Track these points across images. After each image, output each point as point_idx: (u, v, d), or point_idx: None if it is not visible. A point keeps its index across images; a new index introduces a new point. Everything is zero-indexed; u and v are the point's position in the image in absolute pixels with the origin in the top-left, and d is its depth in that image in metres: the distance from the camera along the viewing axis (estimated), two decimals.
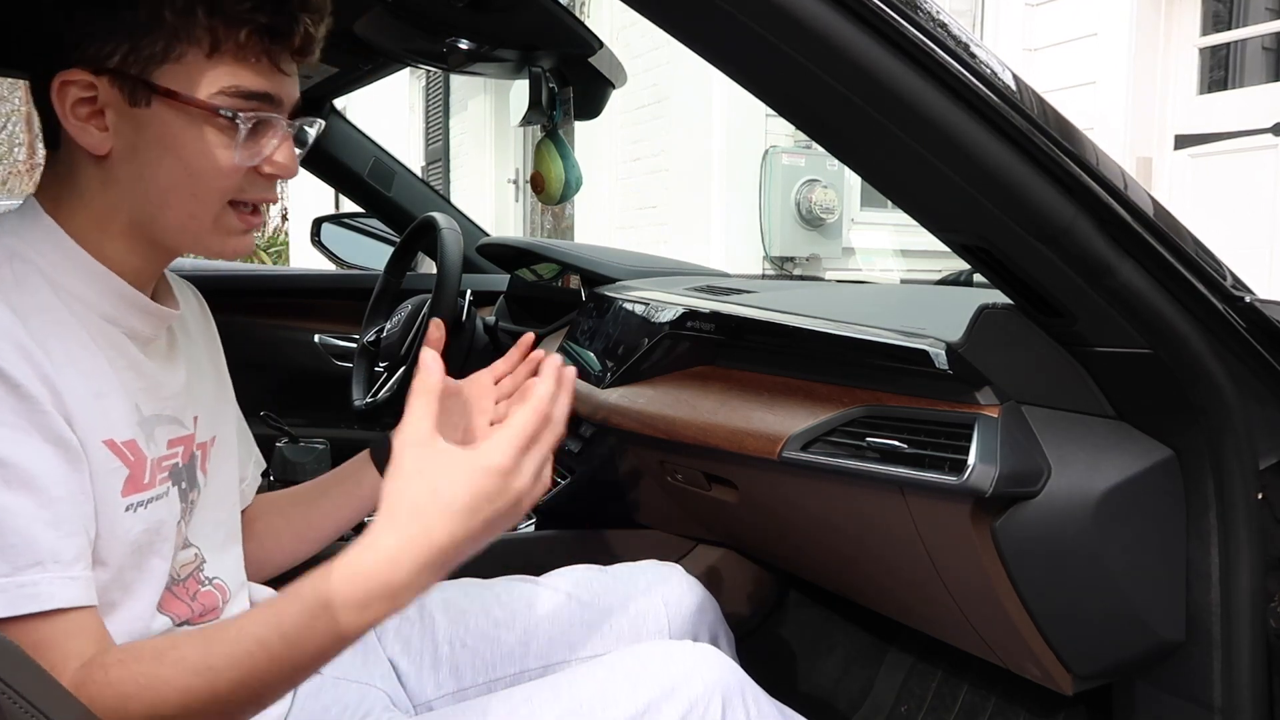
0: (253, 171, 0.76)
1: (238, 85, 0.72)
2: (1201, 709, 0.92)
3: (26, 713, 0.53)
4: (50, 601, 0.65)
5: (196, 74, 0.71)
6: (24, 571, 0.64)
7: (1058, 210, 0.77)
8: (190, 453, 0.84)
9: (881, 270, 4.94)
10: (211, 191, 0.75)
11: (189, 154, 0.73)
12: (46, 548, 0.65)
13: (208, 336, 0.95)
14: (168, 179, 0.74)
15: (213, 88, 0.72)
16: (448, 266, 1.63)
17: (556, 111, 1.69)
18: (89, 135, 0.73)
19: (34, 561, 0.64)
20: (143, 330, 0.79)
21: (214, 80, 0.72)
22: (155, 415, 0.79)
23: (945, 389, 0.95)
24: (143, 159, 0.73)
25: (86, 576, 0.68)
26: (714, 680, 0.87)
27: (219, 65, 0.72)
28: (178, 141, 0.73)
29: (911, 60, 0.70)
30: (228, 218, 0.77)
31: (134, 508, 0.74)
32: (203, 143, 0.73)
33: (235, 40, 0.71)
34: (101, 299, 0.76)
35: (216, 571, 0.87)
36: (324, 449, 1.43)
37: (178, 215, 0.76)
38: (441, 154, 8.11)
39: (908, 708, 1.47)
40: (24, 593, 0.64)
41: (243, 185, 0.76)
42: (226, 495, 0.92)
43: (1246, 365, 0.87)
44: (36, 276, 0.72)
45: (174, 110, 0.72)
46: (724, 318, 1.27)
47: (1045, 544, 0.90)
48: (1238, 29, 3.82)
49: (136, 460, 0.74)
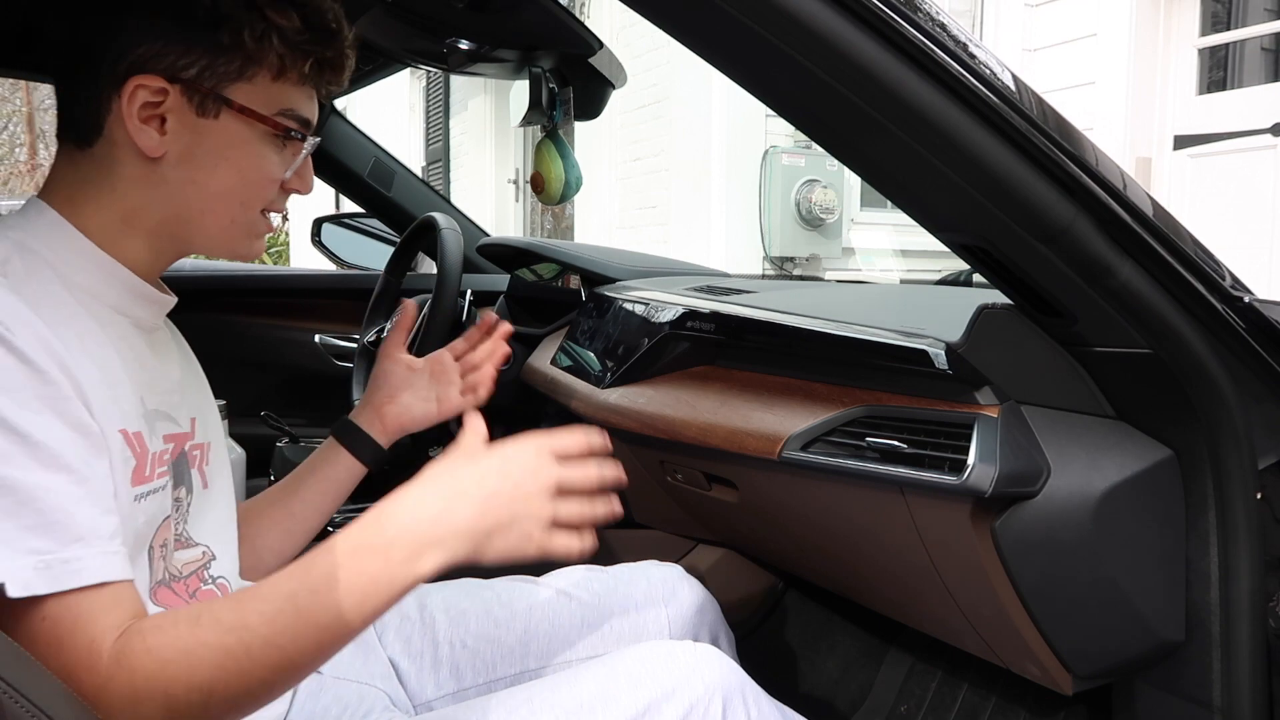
0: (277, 184, 0.83)
1: (294, 109, 0.80)
2: (1201, 709, 0.92)
3: (28, 712, 0.53)
4: (94, 576, 0.66)
5: (263, 94, 0.79)
6: (67, 547, 0.65)
7: (1057, 210, 0.77)
8: (181, 450, 0.84)
9: (881, 270, 4.94)
10: (256, 200, 0.82)
11: (246, 165, 0.80)
12: (87, 524, 0.66)
13: (180, 346, 0.96)
14: (220, 186, 0.79)
15: (274, 107, 0.79)
16: (448, 266, 1.63)
17: (556, 111, 1.69)
18: (147, 137, 0.77)
19: (76, 537, 0.65)
20: (147, 319, 0.82)
21: (276, 101, 0.79)
22: (156, 409, 0.80)
23: (945, 389, 0.95)
24: (198, 165, 0.78)
25: (123, 552, 0.69)
26: (715, 681, 0.87)
27: (282, 88, 0.79)
28: (238, 152, 0.79)
29: (911, 61, 0.70)
30: (258, 224, 0.84)
31: (140, 498, 0.75)
32: (259, 156, 0.80)
33: (300, 69, 0.79)
34: (109, 289, 0.78)
35: (223, 571, 0.87)
36: None
37: (220, 219, 0.81)
38: (441, 154, 8.11)
39: (907, 708, 1.47)
40: (69, 568, 0.65)
41: (272, 197, 0.83)
42: (227, 499, 0.93)
43: (1246, 365, 0.87)
44: (45, 269, 0.74)
45: (240, 124, 0.78)
46: (724, 318, 1.27)
47: (1045, 544, 0.90)
48: (1237, 29, 3.82)
49: (141, 452, 0.76)
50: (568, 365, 1.65)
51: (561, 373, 1.64)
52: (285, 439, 1.71)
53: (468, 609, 1.04)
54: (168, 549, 0.81)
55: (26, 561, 0.63)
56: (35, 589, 0.63)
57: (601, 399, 1.44)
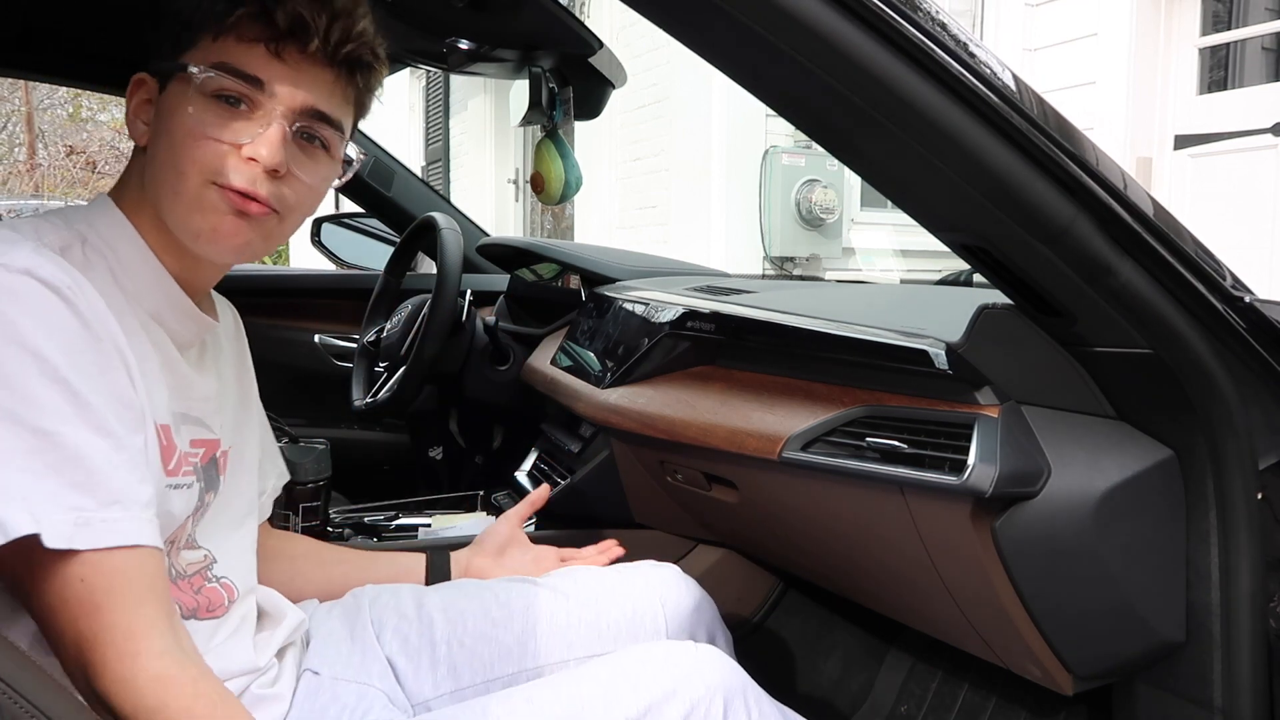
0: (235, 155, 0.77)
1: (225, 60, 0.76)
2: (1202, 709, 0.92)
3: (27, 712, 0.53)
4: (129, 537, 0.67)
5: (200, 54, 0.77)
6: (107, 508, 0.66)
7: (1058, 210, 0.77)
8: (210, 456, 0.86)
9: (881, 270, 4.94)
10: (186, 161, 0.76)
11: (174, 124, 0.77)
12: (124, 488, 0.68)
13: (239, 353, 0.99)
14: (161, 154, 0.78)
15: (204, 62, 0.77)
16: (448, 266, 1.63)
17: (556, 111, 1.69)
18: (136, 128, 0.81)
19: (114, 499, 0.67)
20: (181, 334, 0.83)
21: (208, 56, 0.77)
22: (184, 413, 0.82)
23: (945, 389, 0.95)
24: (156, 141, 0.79)
25: (156, 523, 0.71)
26: (715, 681, 0.87)
27: (220, 47, 0.77)
28: (170, 115, 0.78)
29: (911, 60, 0.70)
30: (209, 193, 0.77)
31: (170, 488, 0.78)
32: (183, 113, 0.77)
33: (229, 20, 0.76)
34: (153, 296, 0.80)
35: (226, 572, 0.88)
36: (324, 449, 1.43)
37: (167, 191, 0.78)
38: (441, 154, 8.11)
39: (907, 708, 1.47)
40: (106, 527, 0.66)
41: (222, 166, 0.76)
42: (242, 507, 0.94)
43: (1246, 365, 0.87)
44: (101, 264, 0.76)
45: (176, 88, 0.78)
46: (724, 318, 1.27)
47: (1045, 544, 0.90)
48: (1237, 29, 3.82)
49: (169, 445, 0.78)
50: (568, 365, 1.65)
51: (561, 373, 1.64)
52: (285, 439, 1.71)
53: (465, 608, 1.04)
54: (175, 547, 0.82)
55: (66, 516, 0.64)
56: (74, 543, 0.64)
57: (601, 399, 1.44)
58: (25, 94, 15.98)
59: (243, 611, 0.89)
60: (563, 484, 1.58)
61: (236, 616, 0.87)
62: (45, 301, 0.67)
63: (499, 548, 1.17)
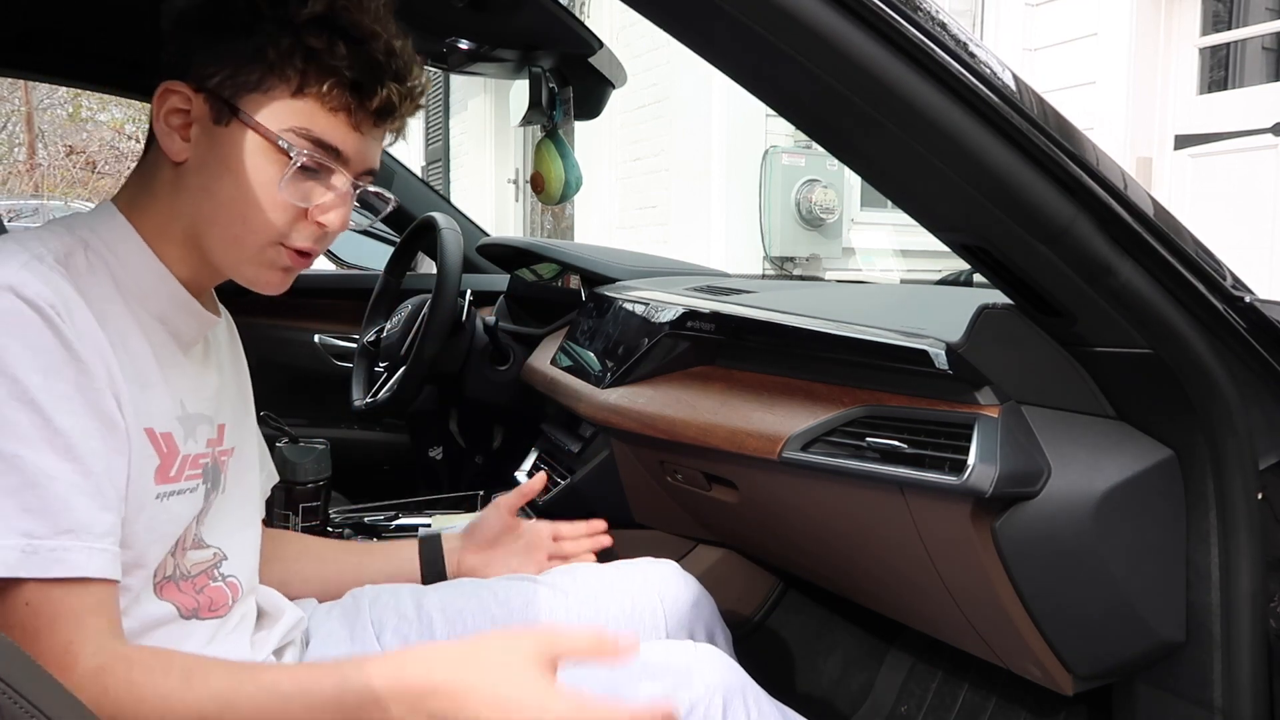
0: (302, 216, 0.80)
1: (308, 129, 0.77)
2: (1202, 709, 0.92)
3: (27, 712, 0.53)
4: (77, 569, 0.67)
5: (277, 109, 0.77)
6: (57, 536, 0.66)
7: (1058, 210, 0.77)
8: (216, 456, 0.87)
9: (881, 270, 4.94)
10: (258, 221, 0.78)
11: (247, 178, 0.77)
12: (81, 517, 0.67)
13: (234, 355, 0.99)
14: (224, 197, 0.78)
15: (285, 123, 0.77)
16: (448, 266, 1.63)
17: (556, 111, 1.69)
18: (173, 141, 0.78)
19: (67, 528, 0.66)
20: (186, 333, 0.84)
21: (288, 118, 0.77)
22: (198, 413, 0.83)
23: (945, 389, 0.95)
24: (210, 173, 0.78)
25: (114, 552, 0.70)
26: (715, 680, 0.87)
27: (299, 106, 0.77)
28: (240, 164, 0.77)
29: (911, 60, 0.70)
30: (270, 251, 0.80)
31: (164, 497, 0.77)
32: (260, 171, 0.77)
33: (320, 88, 0.76)
34: (157, 297, 0.80)
35: (233, 571, 0.89)
36: (324, 449, 1.43)
37: (224, 233, 0.79)
38: (441, 154, 8.11)
39: (907, 708, 1.47)
40: (54, 556, 0.66)
41: (290, 229, 0.80)
42: (249, 506, 0.95)
43: (1246, 365, 0.87)
44: (103, 269, 0.77)
45: (246, 134, 0.77)
46: (724, 318, 1.27)
47: (1045, 544, 0.90)
48: (1238, 29, 3.82)
49: (169, 452, 0.78)
50: (568, 365, 1.65)
51: (561, 373, 1.64)
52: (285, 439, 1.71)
53: (465, 608, 1.04)
54: (180, 548, 0.82)
55: (15, 543, 0.64)
56: (17, 571, 0.64)
57: (601, 399, 1.44)
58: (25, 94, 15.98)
59: (243, 610, 0.89)
60: (562, 484, 1.58)
61: (237, 615, 0.88)
62: (25, 320, 0.66)
63: (490, 540, 1.16)
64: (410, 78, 0.80)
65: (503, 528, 1.16)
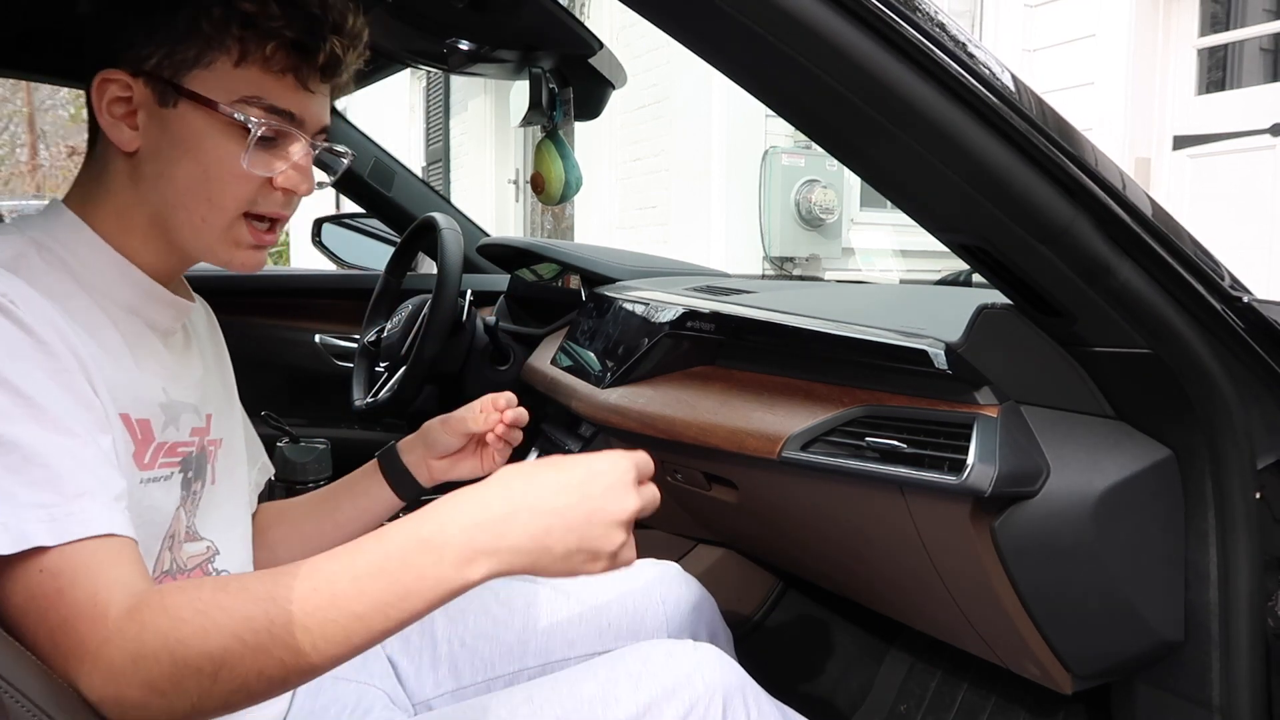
0: (267, 185, 0.78)
1: (259, 96, 0.75)
2: (1201, 708, 0.92)
3: (27, 710, 0.54)
4: (100, 527, 0.64)
5: (222, 81, 0.75)
6: (73, 500, 0.64)
7: (1057, 211, 0.77)
8: (201, 445, 0.85)
9: (881, 270, 4.94)
10: (225, 197, 0.77)
11: (206, 157, 0.76)
12: (91, 480, 0.65)
13: (215, 344, 0.98)
14: (185, 179, 0.77)
15: (234, 95, 0.75)
16: (448, 267, 1.63)
17: (556, 112, 1.69)
18: (120, 132, 0.76)
19: (81, 491, 0.64)
20: (161, 322, 0.82)
21: (237, 88, 0.75)
22: (182, 401, 0.82)
23: (945, 389, 0.95)
24: (165, 158, 0.76)
25: (128, 515, 0.68)
26: (715, 680, 0.87)
27: (245, 75, 0.75)
28: (197, 144, 0.75)
29: (911, 61, 0.70)
30: (239, 229, 0.79)
31: (145, 482, 0.76)
32: (219, 148, 0.75)
33: (262, 53, 0.74)
34: (122, 290, 0.78)
35: (227, 565, 0.88)
36: (324, 449, 1.43)
37: (191, 217, 0.78)
38: (442, 154, 8.11)
39: (907, 707, 1.47)
40: (74, 519, 0.63)
41: (256, 197, 0.78)
42: (240, 496, 0.93)
43: (1245, 365, 0.87)
44: (61, 267, 0.75)
45: (197, 113, 0.75)
46: (724, 318, 1.27)
47: (1044, 544, 0.90)
48: (1236, 30, 3.82)
49: (144, 439, 0.76)
50: (568, 365, 1.65)
51: (561, 373, 1.64)
52: (285, 439, 1.71)
53: (466, 607, 1.05)
54: (176, 541, 0.81)
55: (32, 515, 0.62)
56: (40, 540, 0.62)
57: (601, 399, 1.44)
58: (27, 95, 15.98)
59: None
60: None
61: None
62: None
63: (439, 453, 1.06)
64: (349, 26, 0.78)
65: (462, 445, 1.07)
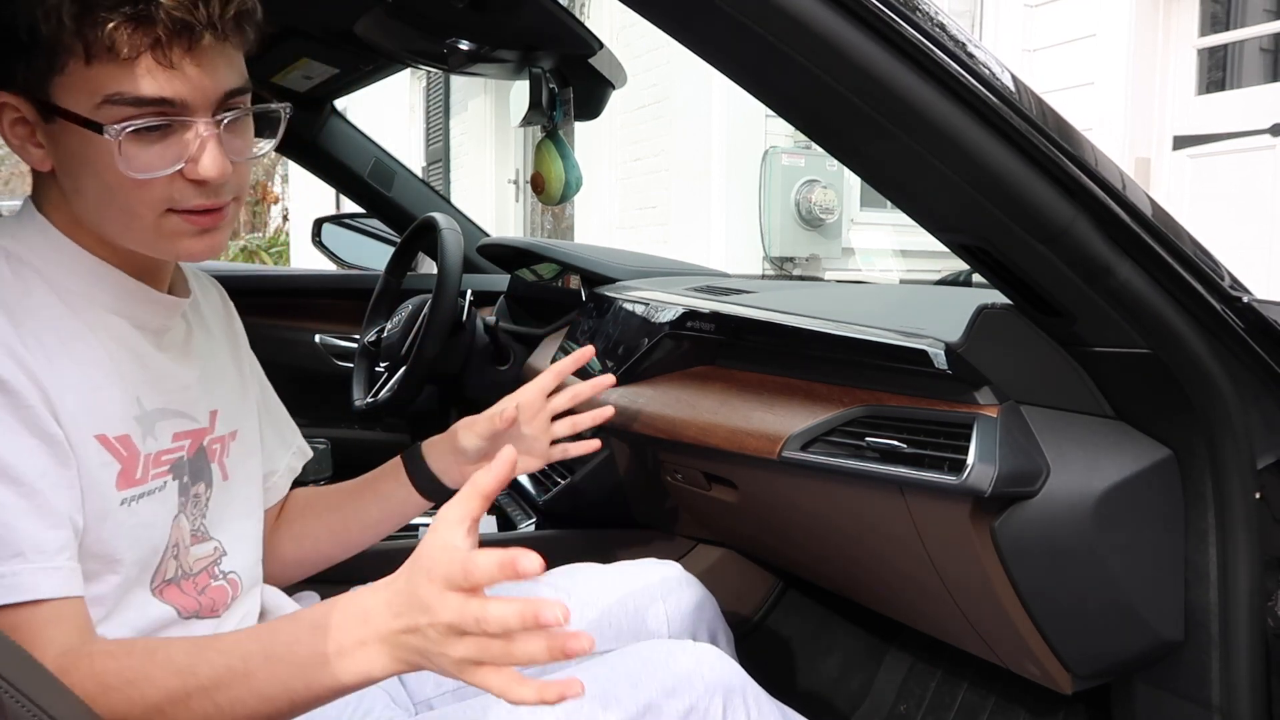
0: (178, 179, 0.72)
1: (120, 91, 0.68)
2: (1200, 708, 0.92)
3: (28, 711, 0.54)
4: (31, 592, 0.65)
5: (80, 85, 0.68)
6: (6, 562, 0.65)
7: (1057, 211, 0.77)
8: (198, 446, 0.84)
9: (881, 270, 4.94)
10: (135, 203, 0.71)
11: (99, 168, 0.70)
12: (29, 539, 0.66)
13: (229, 331, 0.96)
14: (93, 193, 0.72)
15: (97, 98, 0.68)
16: (448, 267, 1.63)
17: (556, 112, 1.69)
18: (29, 154, 0.73)
19: (15, 553, 0.65)
20: (150, 321, 0.80)
21: (97, 89, 0.68)
22: (160, 409, 0.80)
23: (944, 389, 0.95)
24: (71, 174, 0.72)
25: (71, 567, 0.68)
26: (715, 680, 0.87)
27: (100, 73, 0.67)
28: (85, 158, 0.70)
29: (911, 61, 0.70)
30: (170, 222, 0.73)
31: (129, 501, 0.75)
32: (104, 157, 0.69)
33: (103, 42, 0.66)
34: (101, 291, 0.76)
35: (234, 566, 0.87)
36: (325, 449, 1.43)
37: (119, 225, 0.74)
38: (442, 154, 8.11)
39: (907, 707, 1.47)
40: (4, 583, 0.65)
41: (172, 194, 0.72)
42: (248, 490, 0.92)
43: (1244, 365, 0.87)
44: (33, 276, 0.73)
45: (72, 126, 0.69)
46: (724, 318, 1.27)
47: (1044, 543, 0.90)
48: (1236, 30, 3.82)
49: (129, 455, 0.75)
50: None
51: None
52: None
53: None
54: (182, 546, 0.81)
55: None
56: None
57: (601, 399, 1.44)
58: None
59: (244, 610, 0.88)
60: (563, 483, 1.58)
61: (237, 615, 0.87)
62: None
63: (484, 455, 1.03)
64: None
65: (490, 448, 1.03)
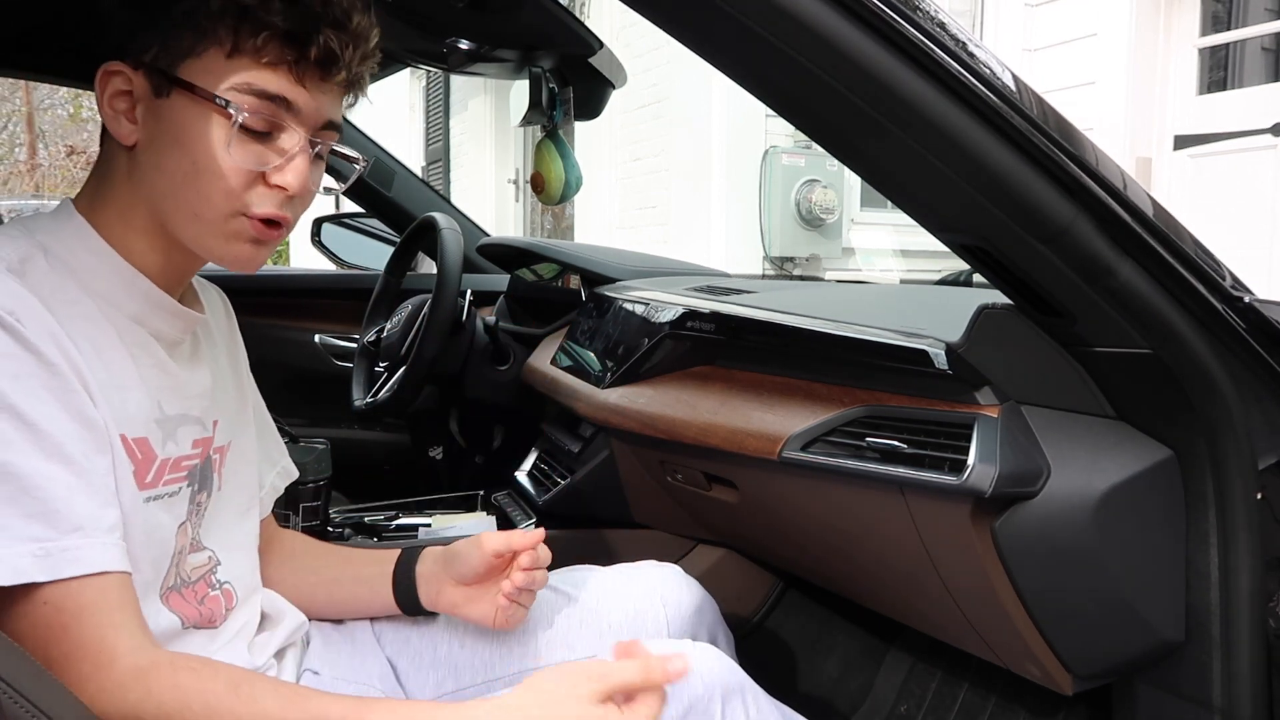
0: (261, 182, 0.76)
1: (250, 83, 0.74)
2: (1201, 709, 0.92)
3: (28, 712, 0.53)
4: (93, 565, 0.66)
5: (215, 71, 0.73)
6: (67, 536, 0.65)
7: (1057, 210, 0.77)
8: (207, 455, 0.85)
9: (881, 270, 4.94)
10: (213, 190, 0.75)
11: (195, 147, 0.74)
12: (86, 514, 0.67)
13: (231, 341, 0.97)
14: (176, 170, 0.75)
15: (225, 84, 0.73)
16: (448, 266, 1.63)
17: (556, 111, 1.69)
18: (120, 125, 0.76)
19: (75, 527, 0.66)
20: (168, 333, 0.81)
21: (228, 77, 0.73)
22: (180, 414, 0.81)
23: (945, 389, 0.95)
24: (159, 149, 0.76)
25: (122, 547, 0.69)
26: (714, 680, 0.87)
27: (237, 65, 0.73)
28: (186, 133, 0.74)
29: (911, 61, 0.70)
30: (236, 223, 0.77)
31: (148, 501, 0.76)
32: (206, 136, 0.74)
33: (254, 43, 0.73)
34: (129, 300, 0.78)
35: (228, 576, 0.88)
36: (324, 449, 1.43)
37: (184, 210, 0.76)
38: (441, 154, 8.11)
39: (907, 707, 1.47)
40: (67, 556, 0.65)
41: (249, 196, 0.76)
42: (244, 501, 0.93)
43: (1246, 365, 0.87)
44: (66, 273, 0.74)
45: (187, 101, 0.74)
46: (724, 318, 1.27)
47: (1045, 544, 0.90)
48: (1237, 29, 3.82)
49: (145, 458, 0.76)
50: (568, 365, 1.65)
51: (561, 373, 1.64)
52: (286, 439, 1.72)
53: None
54: (183, 555, 0.81)
55: (25, 549, 0.64)
56: (33, 576, 0.64)
57: (602, 399, 1.44)
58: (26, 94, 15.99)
59: (242, 620, 0.88)
60: (563, 484, 1.58)
61: (234, 626, 0.87)
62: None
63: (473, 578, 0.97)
64: (351, 24, 0.76)
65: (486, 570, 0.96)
